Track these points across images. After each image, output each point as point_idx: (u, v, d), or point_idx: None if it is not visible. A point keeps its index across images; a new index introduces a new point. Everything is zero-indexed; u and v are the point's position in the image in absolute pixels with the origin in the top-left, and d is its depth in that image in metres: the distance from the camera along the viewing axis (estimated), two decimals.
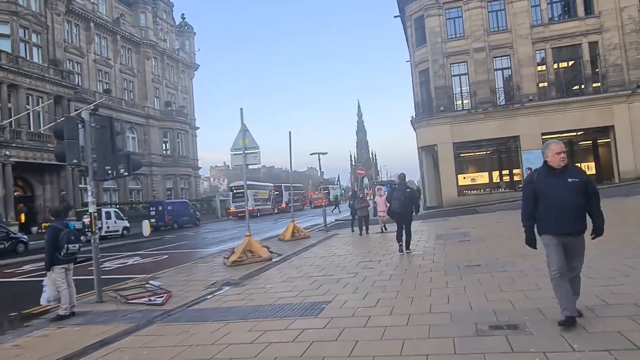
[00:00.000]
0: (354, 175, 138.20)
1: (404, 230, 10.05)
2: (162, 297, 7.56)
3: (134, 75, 47.93)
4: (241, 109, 11.67)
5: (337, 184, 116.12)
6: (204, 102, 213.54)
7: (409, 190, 10.27)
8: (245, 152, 11.72)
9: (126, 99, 45.91)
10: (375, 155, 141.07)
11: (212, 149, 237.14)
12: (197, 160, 58.01)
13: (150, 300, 7.43)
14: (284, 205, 60.87)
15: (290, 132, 16.64)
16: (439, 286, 6.47)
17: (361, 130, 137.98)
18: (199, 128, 59.15)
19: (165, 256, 14.99)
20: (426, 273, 7.56)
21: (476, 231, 12.96)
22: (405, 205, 9.87)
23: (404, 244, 10.09)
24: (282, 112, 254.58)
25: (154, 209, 36.76)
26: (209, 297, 7.49)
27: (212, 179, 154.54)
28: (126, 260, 14.16)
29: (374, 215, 14.81)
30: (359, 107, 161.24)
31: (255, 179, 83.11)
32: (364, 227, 15.52)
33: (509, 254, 8.48)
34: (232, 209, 50.94)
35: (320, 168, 19.38)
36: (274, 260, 11.34)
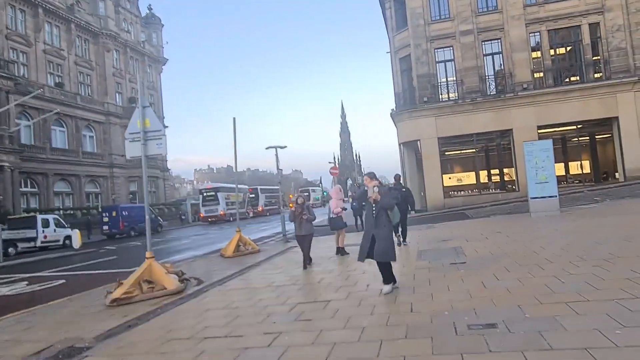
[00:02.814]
0: (337, 177, 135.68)
1: (399, 226, 10.73)
2: None
3: (92, 69, 43.73)
4: (140, 76, 8.10)
5: (319, 186, 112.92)
6: (187, 101, 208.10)
7: (404, 189, 11.29)
8: (146, 137, 8.16)
9: (82, 94, 41.75)
10: (359, 157, 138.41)
11: (197, 152, 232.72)
12: (166, 161, 54.11)
13: None
14: (260, 208, 57.60)
15: (234, 119, 13.14)
16: None
17: (345, 132, 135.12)
18: (167, 127, 55.19)
19: (63, 281, 11.33)
20: (398, 342, 4.10)
21: (472, 246, 9.58)
22: (400, 204, 10.39)
23: (401, 238, 10.96)
24: (263, 112, 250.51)
25: (107, 214, 32.80)
26: None
27: (195, 182, 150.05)
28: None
29: (333, 228, 11.00)
30: (342, 108, 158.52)
31: (240, 182, 78.81)
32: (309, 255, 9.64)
33: (538, 296, 5.07)
34: (202, 213, 47.26)
35: (278, 165, 15.85)
36: (187, 292, 7.84)
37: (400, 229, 10.94)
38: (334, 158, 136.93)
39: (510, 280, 5.94)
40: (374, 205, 6.14)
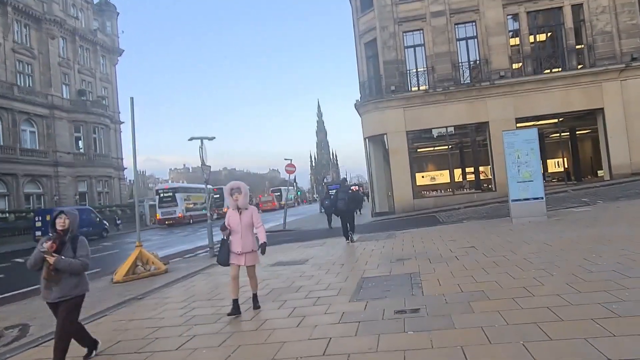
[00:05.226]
0: (314, 176, 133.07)
1: (347, 225, 12.04)
2: None
3: (34, 57, 39.58)
4: None
5: (294, 185, 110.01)
6: (158, 97, 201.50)
7: (350, 191, 12.71)
8: None
9: (20, 84, 37.64)
10: (335, 156, 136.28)
11: (172, 151, 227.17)
12: (122, 159, 50.17)
13: None
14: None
15: (132, 98, 10.06)
16: None
17: (321, 131, 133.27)
18: (123, 122, 51.29)
19: None
20: None
21: (435, 273, 6.77)
22: (348, 204, 11.99)
23: (349, 235, 11.97)
24: (238, 111, 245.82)
25: (39, 219, 29.00)
26: None
27: (170, 182, 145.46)
28: None
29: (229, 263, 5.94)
30: (318, 107, 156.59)
31: (217, 182, 74.51)
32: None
33: None
34: (159, 215, 43.61)
35: (205, 160, 12.87)
36: None
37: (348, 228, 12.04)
38: (310, 157, 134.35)
39: None
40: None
